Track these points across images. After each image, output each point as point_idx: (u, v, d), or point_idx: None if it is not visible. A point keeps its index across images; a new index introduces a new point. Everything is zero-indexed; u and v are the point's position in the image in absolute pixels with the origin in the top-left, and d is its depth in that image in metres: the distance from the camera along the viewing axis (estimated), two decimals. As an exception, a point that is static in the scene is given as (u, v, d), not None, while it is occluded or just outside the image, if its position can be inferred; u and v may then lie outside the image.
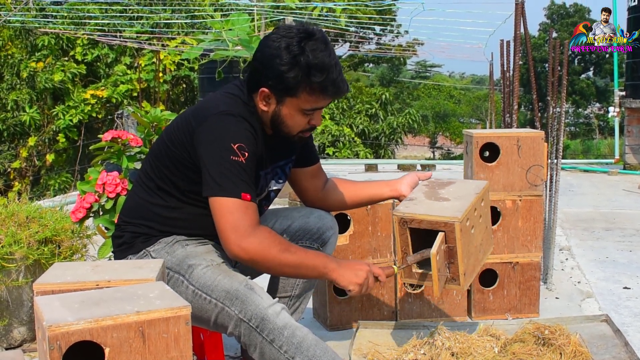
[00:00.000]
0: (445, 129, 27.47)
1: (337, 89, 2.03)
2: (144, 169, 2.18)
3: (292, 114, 2.05)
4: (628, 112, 9.06)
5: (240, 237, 1.89)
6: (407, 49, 21.90)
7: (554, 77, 3.66)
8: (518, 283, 2.97)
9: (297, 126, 2.09)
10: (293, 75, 1.97)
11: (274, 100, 2.04)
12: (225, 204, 1.91)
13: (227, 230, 1.90)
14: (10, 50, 12.65)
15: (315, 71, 1.97)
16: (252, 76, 2.07)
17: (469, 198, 2.20)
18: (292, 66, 1.97)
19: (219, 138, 1.96)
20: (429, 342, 2.29)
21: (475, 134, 2.92)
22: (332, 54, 2.02)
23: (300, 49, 1.97)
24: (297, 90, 2.00)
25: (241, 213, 1.91)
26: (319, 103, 2.05)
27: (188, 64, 12.72)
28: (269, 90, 2.02)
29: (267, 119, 2.09)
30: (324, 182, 2.44)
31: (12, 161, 12.66)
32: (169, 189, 2.10)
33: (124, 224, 2.17)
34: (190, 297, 2.00)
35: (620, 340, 2.41)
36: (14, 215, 2.85)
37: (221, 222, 1.92)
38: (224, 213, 1.91)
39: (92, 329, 1.43)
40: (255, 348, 1.92)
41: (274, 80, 2.00)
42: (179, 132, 2.07)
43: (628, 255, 4.20)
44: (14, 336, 2.71)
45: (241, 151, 1.94)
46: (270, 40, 2.01)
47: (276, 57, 1.98)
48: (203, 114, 2.03)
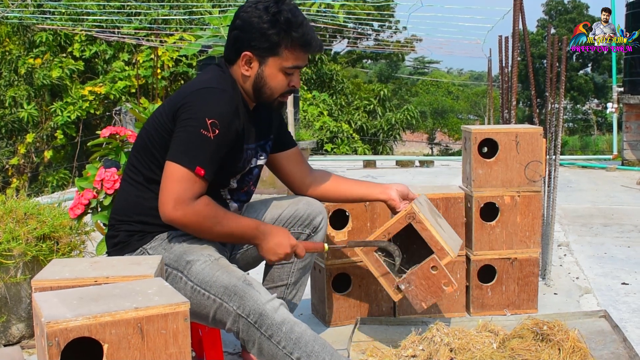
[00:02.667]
0: (443, 125, 27.47)
1: (315, 42, 2.16)
2: (130, 165, 2.19)
3: (274, 73, 2.15)
4: (626, 108, 9.07)
5: (177, 206, 1.96)
6: (406, 45, 21.90)
7: (553, 73, 3.66)
8: (516, 279, 2.97)
9: (279, 87, 2.17)
10: (275, 32, 2.09)
11: (256, 63, 2.14)
12: (177, 171, 1.98)
13: (169, 196, 1.96)
14: (8, 47, 12.61)
15: (295, 27, 2.10)
16: (232, 46, 2.16)
17: (458, 242, 2.48)
18: (273, 24, 2.09)
19: (196, 110, 2.02)
20: (427, 338, 2.29)
21: (473, 130, 2.92)
22: (303, 14, 2.18)
23: (277, 8, 2.10)
24: (279, 47, 2.11)
25: (188, 184, 1.97)
26: (298, 60, 2.16)
27: (186, 60, 12.68)
28: (251, 53, 2.12)
29: (249, 85, 2.17)
30: (309, 170, 2.47)
31: (10, 158, 12.63)
32: (159, 179, 2.09)
33: (117, 223, 2.16)
34: (189, 293, 2.00)
35: (618, 336, 2.41)
36: (12, 212, 2.85)
37: (167, 186, 1.98)
38: (173, 179, 1.98)
39: (90, 325, 1.43)
40: (254, 344, 1.93)
41: (256, 41, 2.11)
42: (161, 118, 2.11)
43: (626, 251, 4.21)
44: (12, 333, 2.71)
45: (213, 127, 2.00)
46: (247, 7, 2.13)
47: (256, 17, 2.10)
48: (185, 91, 2.10)
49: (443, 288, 2.19)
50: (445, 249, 2.20)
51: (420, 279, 2.21)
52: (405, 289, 2.24)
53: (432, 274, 2.19)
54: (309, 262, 2.44)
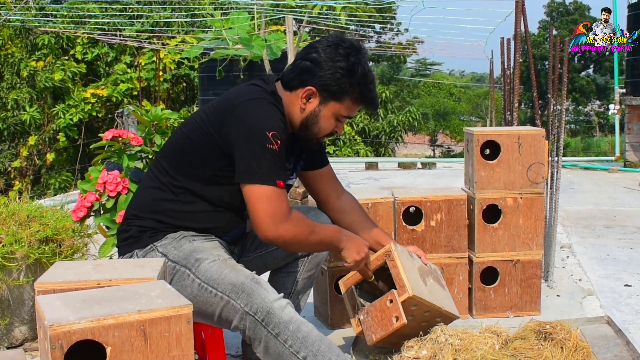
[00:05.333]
0: (445, 127, 27.45)
1: (376, 103, 2.24)
2: (159, 163, 2.19)
3: (328, 116, 2.16)
4: (628, 110, 9.06)
5: (277, 224, 1.97)
6: (407, 47, 21.89)
7: (555, 74, 3.66)
8: (519, 281, 2.97)
9: (327, 129, 2.20)
10: (348, 82, 2.11)
11: (316, 101, 2.14)
12: (261, 191, 1.97)
13: (264, 217, 1.97)
14: (10, 50, 12.63)
15: (367, 83, 2.14)
16: (298, 75, 2.14)
17: (447, 299, 2.48)
18: (349, 73, 2.11)
19: (253, 125, 2.01)
20: (431, 339, 2.29)
21: (476, 132, 2.92)
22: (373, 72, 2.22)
23: (357, 59, 2.12)
24: (345, 95, 2.13)
25: (278, 200, 1.98)
26: (353, 111, 2.20)
27: (188, 63, 12.71)
28: (317, 90, 2.12)
29: (299, 118, 2.16)
30: (337, 192, 2.47)
31: (12, 160, 12.65)
32: (185, 184, 2.11)
33: (131, 217, 2.17)
34: (195, 290, 2.01)
35: (621, 340, 2.41)
36: (15, 215, 2.85)
37: (257, 209, 1.98)
38: (260, 200, 1.97)
39: (93, 328, 1.43)
40: (260, 342, 1.93)
41: (327, 81, 2.11)
42: (203, 124, 2.10)
43: (629, 252, 4.20)
44: (15, 335, 2.71)
45: (275, 139, 2.00)
46: (327, 45, 2.13)
47: (335, 60, 2.10)
48: (233, 102, 2.08)
49: (393, 321, 2.20)
50: (406, 287, 2.21)
51: (377, 311, 2.25)
52: (363, 319, 2.29)
53: (387, 307, 2.22)
54: (314, 272, 2.45)
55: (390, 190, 2.98)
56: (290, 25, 6.03)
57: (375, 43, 22.15)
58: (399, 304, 2.19)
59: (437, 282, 2.48)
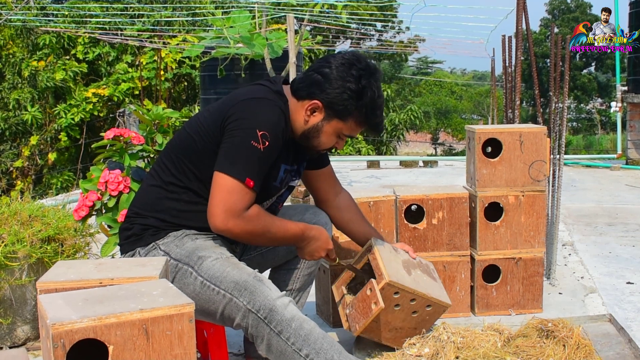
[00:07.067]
0: (447, 125, 27.45)
1: (381, 128, 2.23)
2: (162, 163, 2.19)
3: (330, 132, 2.16)
4: (630, 107, 9.05)
5: (229, 218, 1.96)
6: (409, 45, 21.88)
7: (556, 72, 3.65)
8: (521, 279, 2.97)
9: (327, 145, 2.19)
10: (354, 104, 2.10)
11: (320, 115, 2.14)
12: (227, 183, 1.97)
13: (218, 207, 1.96)
14: (11, 50, 12.64)
15: (374, 108, 2.13)
16: (307, 86, 2.13)
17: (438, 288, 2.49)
18: (357, 95, 2.10)
19: (246, 120, 2.01)
20: (433, 337, 2.29)
21: (477, 130, 2.91)
22: (383, 96, 2.21)
23: (367, 83, 2.10)
24: (349, 115, 2.13)
25: (239, 196, 1.97)
26: (355, 132, 2.19)
27: (189, 62, 12.70)
28: (322, 105, 2.12)
29: (300, 127, 2.16)
30: (336, 191, 2.48)
31: (14, 160, 12.66)
32: (188, 184, 2.12)
33: (134, 215, 2.18)
34: (198, 288, 2.01)
35: (624, 338, 2.41)
36: (17, 214, 2.85)
37: (215, 197, 1.97)
38: (222, 190, 1.97)
39: (95, 326, 1.43)
40: (263, 340, 1.93)
41: (334, 99, 2.10)
42: (206, 123, 2.10)
43: (631, 250, 4.20)
44: (17, 335, 2.71)
45: (263, 139, 1.99)
46: (342, 62, 2.11)
47: (345, 80, 2.08)
48: (234, 100, 2.09)
49: (372, 307, 2.23)
50: (384, 274, 2.24)
51: (359, 302, 2.29)
52: (349, 312, 2.32)
53: (367, 296, 2.26)
54: (314, 269, 2.46)
55: (392, 189, 2.98)
56: (292, 23, 6.03)
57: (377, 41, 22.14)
58: (377, 290, 2.22)
59: (426, 274, 2.50)
